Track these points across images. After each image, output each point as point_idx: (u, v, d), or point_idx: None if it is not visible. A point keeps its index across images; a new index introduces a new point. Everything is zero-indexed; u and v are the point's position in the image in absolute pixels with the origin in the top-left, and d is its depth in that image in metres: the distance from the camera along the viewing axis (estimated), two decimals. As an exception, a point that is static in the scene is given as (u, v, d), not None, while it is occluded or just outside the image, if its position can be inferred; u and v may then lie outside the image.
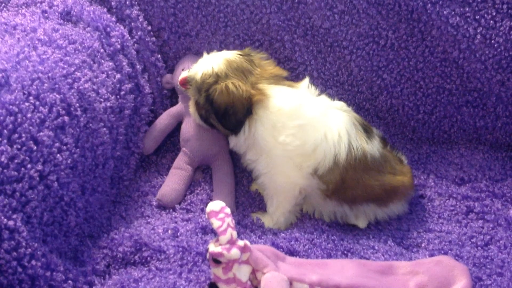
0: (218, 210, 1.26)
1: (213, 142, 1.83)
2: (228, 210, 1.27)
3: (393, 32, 1.88)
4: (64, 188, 1.33)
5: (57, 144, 1.33)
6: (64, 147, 1.35)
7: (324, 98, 1.66)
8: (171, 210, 1.69)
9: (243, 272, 1.28)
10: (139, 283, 1.35)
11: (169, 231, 1.55)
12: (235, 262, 1.27)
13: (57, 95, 1.38)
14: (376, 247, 1.53)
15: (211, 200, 1.72)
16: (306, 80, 1.66)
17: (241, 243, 1.26)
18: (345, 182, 1.57)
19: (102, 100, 1.56)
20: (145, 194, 1.76)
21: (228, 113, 1.55)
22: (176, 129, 1.91)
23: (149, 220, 1.63)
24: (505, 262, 1.47)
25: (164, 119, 1.88)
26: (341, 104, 1.66)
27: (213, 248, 1.26)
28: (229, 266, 1.27)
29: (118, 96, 1.65)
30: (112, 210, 1.65)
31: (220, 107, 1.55)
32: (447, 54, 1.87)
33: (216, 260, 1.26)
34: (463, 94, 1.92)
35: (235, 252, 1.24)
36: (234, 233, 1.26)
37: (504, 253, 1.51)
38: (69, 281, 1.28)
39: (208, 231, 1.58)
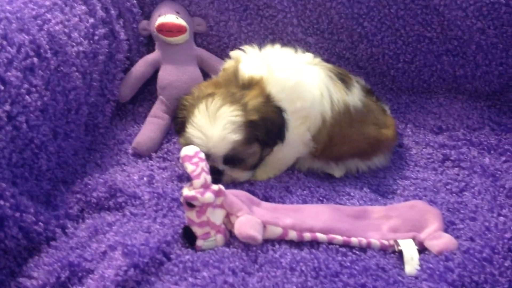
0: (192, 155, 1.25)
1: (190, 90, 1.79)
2: (202, 155, 1.26)
3: (374, -21, 1.85)
4: (34, 131, 1.31)
5: (26, 86, 1.30)
6: (34, 89, 1.32)
7: (290, 53, 1.60)
8: (147, 158, 1.67)
9: (217, 216, 1.28)
10: (113, 227, 1.34)
11: (145, 178, 1.54)
12: (209, 206, 1.26)
13: (26, 36, 1.35)
14: (351, 194, 1.53)
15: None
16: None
17: (215, 187, 1.26)
18: (332, 140, 1.56)
19: (74, 44, 1.53)
20: (121, 142, 1.74)
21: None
22: (153, 77, 1.87)
23: (124, 167, 1.62)
24: (478, 208, 1.48)
25: (141, 67, 1.85)
26: (310, 57, 1.61)
27: (187, 192, 1.25)
28: (203, 210, 1.26)
29: (91, 41, 1.62)
30: (87, 157, 1.63)
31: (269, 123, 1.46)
32: (428, 1, 1.85)
33: (190, 203, 1.26)
34: (443, 42, 1.91)
35: (209, 195, 1.24)
36: (208, 177, 1.26)
37: (478, 199, 1.52)
38: (40, 223, 1.27)
39: (184, 178, 1.56)
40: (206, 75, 1.90)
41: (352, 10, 1.88)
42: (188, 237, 1.29)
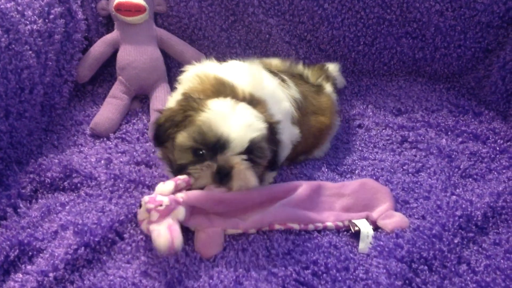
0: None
1: (150, 71, 1.80)
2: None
3: (334, -40, 1.85)
4: (-17, 109, 1.29)
5: (-27, 63, 1.27)
6: (-18, 67, 1.29)
7: (232, 66, 1.47)
8: (105, 140, 1.65)
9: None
10: (66, 207, 1.34)
11: (102, 161, 1.53)
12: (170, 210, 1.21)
13: (-26, 13, 1.32)
14: (308, 174, 1.54)
15: (147, 130, 1.69)
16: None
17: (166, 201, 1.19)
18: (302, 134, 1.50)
19: (27, 22, 1.50)
20: (79, 123, 1.72)
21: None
22: (114, 59, 1.85)
23: (81, 148, 1.60)
24: (432, 187, 1.50)
25: (99, 47, 1.83)
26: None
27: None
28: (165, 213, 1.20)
29: (46, 20, 1.59)
30: (44, 138, 1.61)
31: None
32: (388, -17, 1.86)
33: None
34: (402, 25, 1.92)
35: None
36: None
37: (433, 179, 1.54)
38: (-9, 202, 1.26)
39: (141, 162, 1.55)
40: (166, 56, 1.88)
41: (313, -8, 1.88)
42: None
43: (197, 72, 1.40)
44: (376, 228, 1.33)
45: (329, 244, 1.26)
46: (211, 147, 1.22)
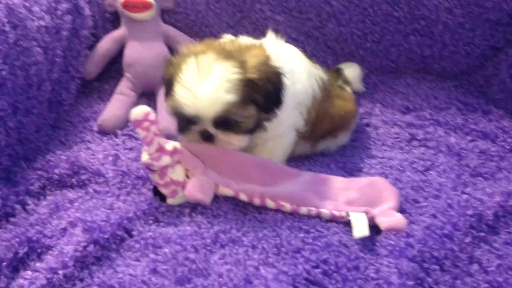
0: (142, 118, 1.23)
1: (157, 68, 1.78)
2: (152, 116, 1.23)
3: (343, -44, 1.84)
4: (-9, 105, 1.28)
5: (-19, 58, 1.27)
6: (-10, 62, 1.29)
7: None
8: (112, 136, 1.64)
9: (178, 173, 1.30)
10: (74, 204, 1.33)
11: (110, 157, 1.52)
12: (168, 167, 1.28)
13: (-19, 8, 1.31)
14: (317, 171, 1.53)
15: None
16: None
17: (169, 146, 1.27)
18: (317, 117, 1.50)
19: (35, 18, 1.50)
20: (86, 119, 1.71)
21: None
22: (121, 55, 1.85)
23: (89, 145, 1.59)
24: (442, 186, 1.48)
25: (106, 43, 1.82)
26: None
27: (145, 157, 1.27)
28: (163, 172, 1.28)
29: (53, 16, 1.59)
30: (51, 134, 1.61)
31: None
32: (396, -21, 1.85)
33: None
34: (411, 22, 1.91)
35: (164, 159, 1.26)
36: (162, 140, 1.26)
37: (443, 177, 1.53)
38: (-1, 199, 1.25)
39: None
40: (173, 52, 1.87)
41: (320, -12, 1.87)
42: (159, 195, 1.32)
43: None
44: (373, 225, 1.32)
45: (339, 242, 1.25)
46: (188, 120, 1.28)
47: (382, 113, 1.85)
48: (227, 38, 1.45)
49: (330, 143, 1.64)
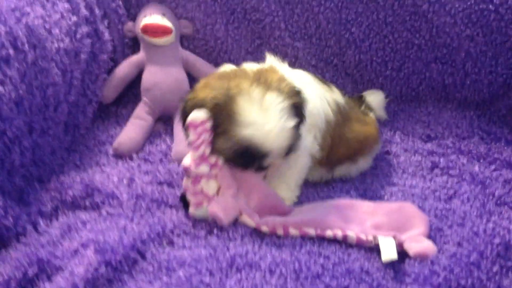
0: (198, 123, 1.23)
1: (175, 92, 1.78)
2: (208, 126, 1.23)
3: (362, -16, 1.83)
4: (7, 123, 1.27)
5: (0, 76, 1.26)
6: (8, 80, 1.28)
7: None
8: (127, 159, 1.63)
9: (211, 187, 1.30)
10: (87, 225, 1.30)
11: (124, 180, 1.49)
12: (203, 177, 1.28)
13: (2, 27, 1.31)
14: (336, 197, 1.48)
15: (170, 151, 1.67)
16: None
17: (212, 159, 1.27)
18: (333, 141, 1.49)
19: (54, 40, 1.50)
20: (102, 143, 1.70)
21: None
22: (138, 80, 1.84)
23: (104, 168, 1.57)
24: (467, 214, 1.43)
25: (124, 68, 1.82)
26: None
27: (185, 160, 1.28)
28: (197, 180, 1.29)
29: (73, 39, 1.59)
30: (66, 157, 1.59)
31: None
32: (417, 7, 1.83)
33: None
34: (432, 49, 1.89)
35: (203, 168, 1.27)
36: (208, 150, 1.26)
37: (467, 206, 1.48)
38: (10, 218, 1.23)
39: (164, 182, 1.52)
40: (191, 78, 1.86)
41: (340, 16, 1.87)
42: (185, 204, 1.33)
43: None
44: (401, 251, 1.27)
45: (360, 269, 1.20)
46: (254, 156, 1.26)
47: (402, 141, 1.82)
48: (226, 67, 1.42)
49: (349, 169, 1.61)
